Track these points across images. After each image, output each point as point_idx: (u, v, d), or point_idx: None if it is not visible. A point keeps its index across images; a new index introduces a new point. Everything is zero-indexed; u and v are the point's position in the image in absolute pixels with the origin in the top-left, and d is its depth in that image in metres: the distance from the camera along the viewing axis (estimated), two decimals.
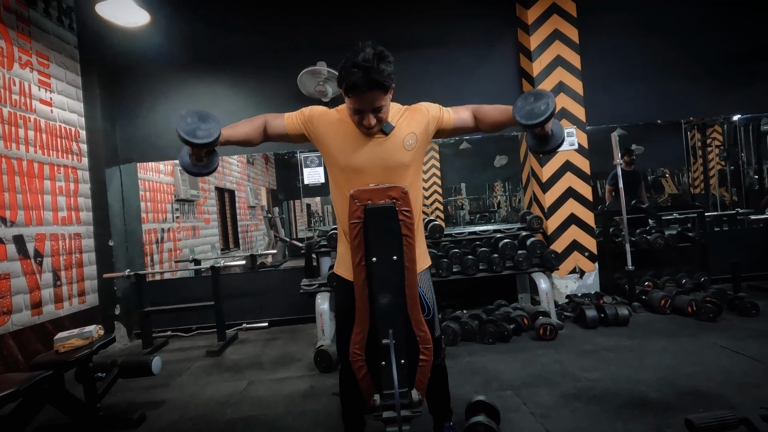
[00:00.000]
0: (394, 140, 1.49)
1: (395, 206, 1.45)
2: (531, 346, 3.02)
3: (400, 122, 1.51)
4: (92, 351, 2.20)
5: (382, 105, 1.39)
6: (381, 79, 1.33)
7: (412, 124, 1.51)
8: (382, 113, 1.42)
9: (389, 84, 1.37)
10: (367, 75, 1.31)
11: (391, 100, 1.51)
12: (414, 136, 1.51)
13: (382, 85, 1.34)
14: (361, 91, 1.34)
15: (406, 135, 1.50)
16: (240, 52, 4.19)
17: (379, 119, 1.42)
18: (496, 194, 12.48)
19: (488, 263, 3.55)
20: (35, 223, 3.26)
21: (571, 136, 4.02)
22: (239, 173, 8.68)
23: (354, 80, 1.32)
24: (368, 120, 1.40)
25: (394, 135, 1.49)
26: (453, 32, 4.23)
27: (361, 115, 1.41)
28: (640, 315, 3.53)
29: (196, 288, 4.10)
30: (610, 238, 4.12)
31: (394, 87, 1.43)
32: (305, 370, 2.93)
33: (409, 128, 1.51)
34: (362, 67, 1.31)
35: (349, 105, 1.43)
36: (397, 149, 1.49)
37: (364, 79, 1.31)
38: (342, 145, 1.50)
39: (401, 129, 1.50)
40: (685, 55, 4.31)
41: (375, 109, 1.39)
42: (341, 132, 1.51)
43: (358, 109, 1.39)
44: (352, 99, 1.38)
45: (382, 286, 1.45)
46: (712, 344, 2.77)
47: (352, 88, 1.34)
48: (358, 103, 1.38)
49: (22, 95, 3.26)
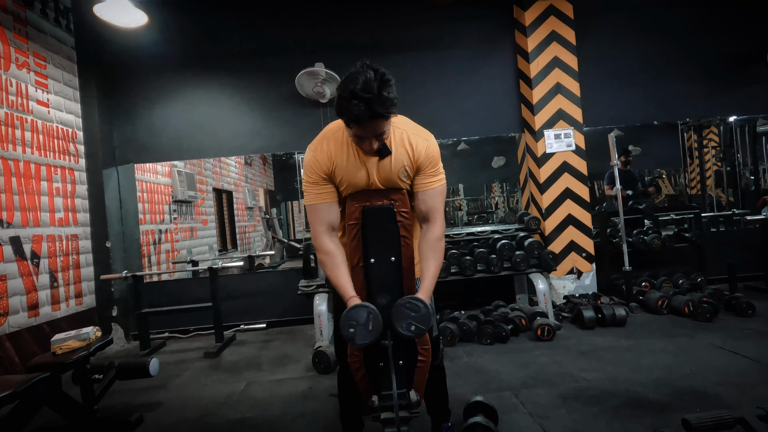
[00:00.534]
0: (390, 164, 1.45)
1: (393, 207, 1.45)
2: (529, 347, 3.02)
3: (397, 149, 1.45)
4: (89, 353, 2.19)
5: (385, 130, 1.36)
6: (383, 111, 1.28)
7: (407, 158, 1.46)
8: (384, 136, 1.39)
9: (391, 113, 1.32)
10: (369, 107, 1.25)
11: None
12: (405, 170, 1.48)
13: (386, 113, 1.30)
14: (363, 122, 1.29)
15: (400, 168, 1.47)
16: (238, 53, 4.19)
17: (380, 142, 1.39)
18: (493, 195, 12.50)
19: (486, 264, 3.56)
20: (32, 225, 3.25)
21: (568, 137, 4.03)
22: (237, 174, 8.67)
23: (356, 114, 1.26)
24: (370, 145, 1.37)
25: (391, 160, 1.45)
26: (450, 34, 4.24)
27: (362, 140, 1.37)
28: (637, 315, 3.54)
29: (194, 289, 4.09)
30: (608, 239, 4.14)
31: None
32: (303, 371, 2.92)
33: (404, 161, 1.46)
34: (363, 99, 1.24)
35: (349, 131, 1.38)
36: (394, 174, 1.47)
37: (366, 112, 1.26)
38: (344, 174, 1.46)
39: (397, 157, 1.45)
40: (682, 56, 4.34)
41: (378, 135, 1.36)
42: (340, 162, 1.45)
43: (360, 136, 1.35)
44: (354, 128, 1.33)
45: (380, 288, 1.45)
46: (708, 344, 2.78)
47: (354, 120, 1.30)
48: (361, 132, 1.34)
49: (19, 96, 3.25)
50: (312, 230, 1.51)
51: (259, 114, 4.22)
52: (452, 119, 4.26)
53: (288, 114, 4.19)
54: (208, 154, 4.36)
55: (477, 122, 4.28)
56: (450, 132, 4.33)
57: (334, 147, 1.45)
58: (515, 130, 4.31)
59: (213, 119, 4.20)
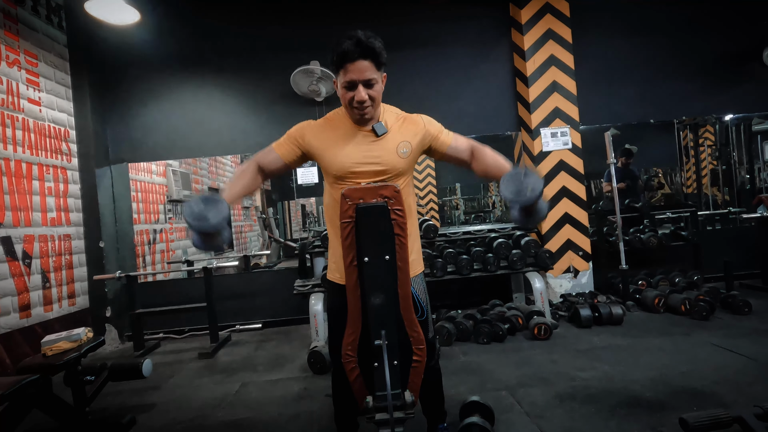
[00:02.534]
0: (387, 144, 1.48)
1: (387, 205, 1.43)
2: (526, 346, 3.01)
3: (395, 128, 1.50)
4: (81, 354, 2.16)
5: (373, 78, 1.38)
6: (372, 46, 1.35)
7: (407, 133, 1.50)
8: (374, 91, 1.40)
9: (379, 54, 1.37)
10: (358, 43, 1.34)
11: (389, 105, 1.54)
12: (408, 144, 1.50)
13: (373, 52, 1.35)
14: (352, 58, 1.34)
15: (401, 143, 1.49)
16: (232, 50, 4.16)
17: (371, 97, 1.40)
18: (491, 194, 12.50)
19: (483, 263, 3.54)
20: (23, 225, 3.21)
21: (565, 135, 4.02)
22: (233, 174, 8.63)
23: (344, 47, 1.34)
24: (359, 94, 1.38)
25: (387, 138, 1.48)
26: (447, 32, 4.22)
27: (353, 91, 1.39)
28: (634, 314, 3.54)
29: (189, 289, 4.06)
30: (604, 238, 4.13)
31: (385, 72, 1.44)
32: (299, 372, 2.90)
33: (404, 137, 1.49)
34: (353, 37, 1.34)
35: (341, 81, 1.41)
36: (390, 154, 1.48)
37: (354, 46, 1.34)
38: (335, 150, 1.48)
39: (395, 135, 1.49)
40: (678, 54, 4.34)
41: (366, 82, 1.37)
42: (333, 137, 1.50)
43: (349, 81, 1.37)
44: (344, 71, 1.37)
45: (374, 287, 1.43)
46: (705, 342, 2.78)
47: (342, 55, 1.35)
48: (350, 74, 1.36)
49: (10, 94, 3.21)
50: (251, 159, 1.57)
51: (254, 112, 4.19)
52: (448, 117, 4.19)
53: (283, 112, 4.16)
54: (203, 153, 4.32)
55: (473, 121, 4.26)
56: None
57: (329, 125, 1.52)
58: (512, 129, 4.30)
59: (207, 118, 4.16)
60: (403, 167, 1.52)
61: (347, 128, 1.50)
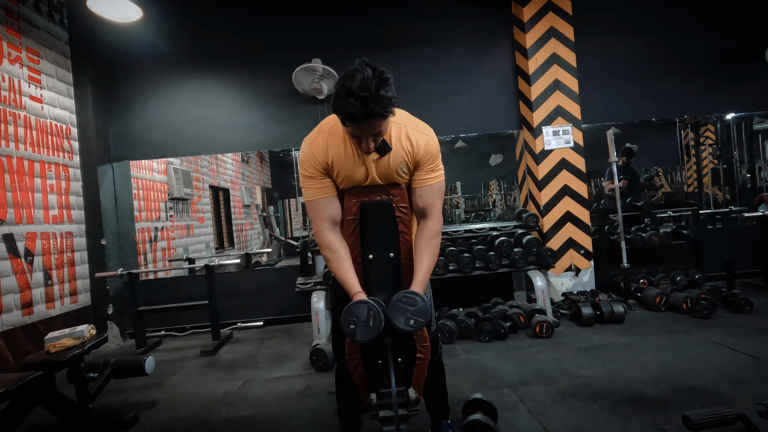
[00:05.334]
0: (388, 163, 1.44)
1: (392, 202, 1.43)
2: (527, 344, 3.01)
3: (397, 146, 1.43)
4: (84, 351, 2.16)
5: (381, 130, 1.33)
6: (380, 110, 1.24)
7: (406, 153, 1.44)
8: (382, 134, 1.37)
9: (389, 113, 1.29)
10: (365, 106, 1.22)
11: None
12: (405, 164, 1.47)
13: (383, 113, 1.27)
14: (360, 123, 1.27)
15: (399, 163, 1.45)
16: (234, 48, 4.15)
17: (376, 142, 1.37)
18: (491, 193, 12.51)
19: (484, 261, 3.54)
20: (26, 222, 3.21)
21: (567, 134, 4.02)
22: (234, 172, 8.62)
23: (352, 112, 1.24)
24: (367, 145, 1.35)
25: (390, 157, 1.44)
26: (449, 30, 4.21)
27: (359, 139, 1.36)
28: (635, 312, 3.54)
29: (191, 287, 4.06)
30: (606, 236, 4.13)
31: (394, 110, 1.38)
32: (301, 369, 2.90)
33: (404, 156, 1.45)
34: (360, 98, 1.22)
35: (346, 129, 1.36)
36: (392, 172, 1.46)
37: (362, 112, 1.23)
38: (345, 168, 1.44)
39: (396, 153, 1.43)
40: (680, 53, 4.33)
41: (375, 134, 1.33)
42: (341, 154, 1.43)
43: (356, 135, 1.34)
44: (351, 128, 1.31)
45: (378, 284, 1.43)
46: (707, 341, 2.78)
47: (350, 119, 1.27)
48: (357, 132, 1.32)
49: (12, 91, 3.20)
50: (314, 227, 1.47)
51: (256, 110, 4.18)
52: (450, 116, 4.24)
53: (285, 110, 4.16)
54: (205, 151, 4.32)
55: (475, 119, 4.26)
56: (448, 129, 4.31)
57: (331, 141, 1.43)
58: (513, 127, 4.29)
59: (209, 115, 4.16)
60: (404, 181, 1.51)
61: (349, 145, 1.43)
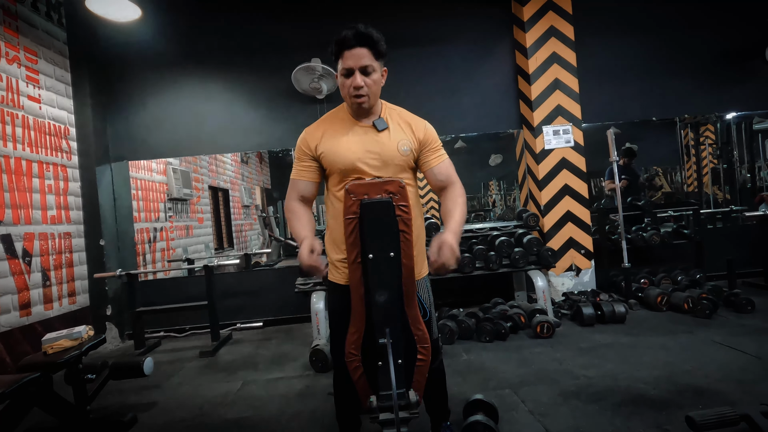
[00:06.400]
0: (387, 139, 1.49)
1: (392, 201, 1.42)
2: (528, 344, 3.00)
3: (397, 126, 1.51)
4: (82, 352, 2.15)
5: (370, 65, 1.41)
6: (369, 34, 1.39)
7: (408, 132, 1.51)
8: (371, 79, 1.42)
9: (377, 42, 1.40)
10: (356, 31, 1.38)
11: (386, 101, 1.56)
12: (409, 143, 1.51)
13: (371, 39, 1.39)
14: (350, 45, 1.38)
15: (402, 140, 1.49)
16: (233, 47, 4.14)
17: (367, 84, 1.42)
18: (491, 193, 12.50)
19: (485, 261, 3.53)
20: (24, 222, 3.20)
21: (567, 133, 4.00)
22: (233, 172, 8.61)
23: (343, 35, 1.39)
24: (356, 80, 1.40)
25: (387, 133, 1.49)
26: (449, 29, 4.20)
27: (350, 78, 1.42)
28: (636, 312, 3.52)
29: (190, 287, 4.04)
30: (606, 236, 4.12)
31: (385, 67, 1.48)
32: (301, 370, 2.89)
33: (405, 135, 1.51)
34: (352, 27, 1.39)
35: (339, 70, 1.44)
36: (391, 150, 1.49)
37: (353, 34, 1.38)
38: (337, 145, 1.49)
39: (396, 132, 1.50)
40: (681, 52, 4.32)
41: (363, 68, 1.40)
42: (333, 133, 1.51)
43: (347, 68, 1.41)
44: (342, 59, 1.41)
45: (378, 284, 1.41)
46: (709, 341, 2.76)
47: (341, 43, 1.39)
48: (347, 60, 1.40)
49: (10, 91, 3.19)
50: (287, 198, 1.59)
51: (255, 110, 4.17)
52: (450, 115, 4.22)
53: (284, 110, 4.14)
54: (204, 151, 4.30)
55: (475, 118, 4.24)
56: (448, 128, 4.30)
57: (327, 121, 1.56)
58: (514, 127, 4.28)
59: (209, 115, 4.14)
60: (404, 164, 1.52)
61: (347, 124, 1.51)
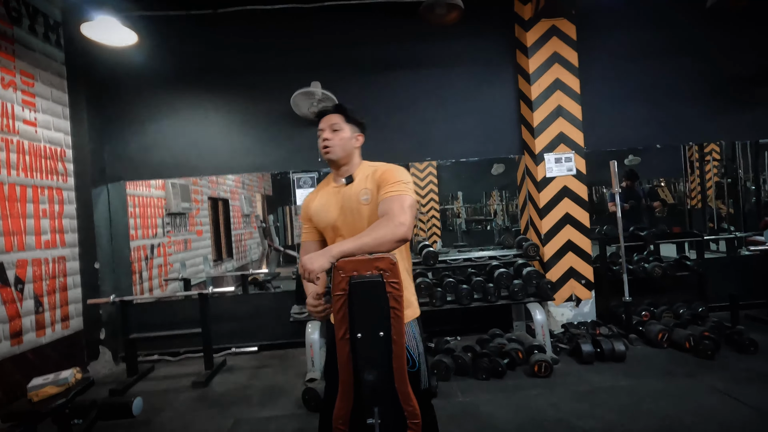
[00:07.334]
0: (352, 191, 1.63)
1: (383, 278, 1.37)
2: (525, 384, 2.94)
3: (362, 178, 1.64)
4: (68, 400, 2.11)
5: (337, 123, 1.64)
6: (343, 105, 1.69)
7: (369, 181, 1.62)
8: (338, 135, 1.63)
9: (348, 110, 1.67)
10: (334, 105, 1.72)
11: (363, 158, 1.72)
12: (368, 191, 1.61)
13: (342, 108, 1.68)
14: (326, 113, 1.68)
15: (362, 189, 1.61)
16: (232, 70, 4.09)
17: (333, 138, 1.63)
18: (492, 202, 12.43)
19: (483, 293, 3.48)
20: (16, 249, 3.16)
21: (569, 161, 3.95)
22: (233, 181, 8.57)
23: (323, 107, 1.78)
24: (324, 133, 1.64)
25: (353, 186, 1.64)
26: (452, 52, 4.14)
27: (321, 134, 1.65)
28: (636, 348, 3.46)
29: (185, 309, 4.00)
30: (607, 265, 4.05)
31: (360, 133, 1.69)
32: (294, 407, 2.84)
33: (365, 185, 1.62)
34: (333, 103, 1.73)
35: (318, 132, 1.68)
36: (355, 200, 1.61)
37: (331, 107, 1.70)
38: (320, 209, 1.68)
39: (360, 183, 1.64)
40: (687, 77, 4.24)
41: (332, 126, 1.64)
42: (318, 198, 1.72)
43: (320, 129, 1.67)
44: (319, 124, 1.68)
45: (367, 363, 1.37)
46: (710, 388, 2.70)
47: (321, 113, 1.70)
48: (322, 123, 1.67)
49: (5, 117, 3.16)
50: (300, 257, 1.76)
51: (254, 132, 4.12)
52: (451, 139, 4.17)
53: (283, 132, 4.10)
54: (201, 173, 4.25)
55: (476, 143, 4.19)
56: (449, 152, 4.25)
57: (318, 189, 1.76)
58: (515, 152, 4.22)
59: (206, 137, 4.11)
60: (371, 212, 1.58)
61: (329, 187, 1.71)
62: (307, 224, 1.75)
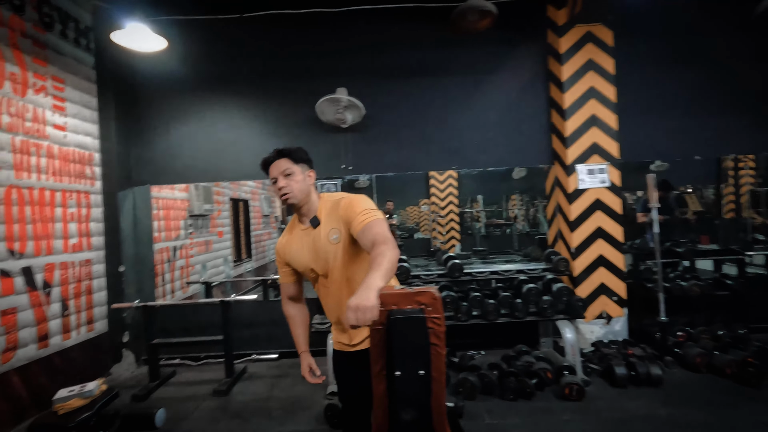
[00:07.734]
0: (321, 233, 1.62)
1: (424, 313, 1.28)
2: (555, 408, 2.82)
3: (326, 217, 1.62)
4: (93, 413, 2.09)
5: (288, 167, 1.60)
6: (286, 149, 1.64)
7: (334, 218, 1.60)
8: (292, 179, 1.60)
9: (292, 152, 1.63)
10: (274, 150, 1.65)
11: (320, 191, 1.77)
12: (337, 230, 1.60)
13: (286, 151, 1.63)
14: (272, 160, 1.63)
15: (330, 229, 1.61)
16: (258, 76, 4.07)
17: (289, 184, 1.59)
18: (513, 206, 12.20)
19: (510, 308, 3.37)
20: (44, 253, 3.19)
21: (602, 173, 3.79)
22: (254, 182, 8.60)
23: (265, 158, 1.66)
24: (279, 182, 1.60)
25: (320, 229, 1.62)
26: (481, 59, 4.03)
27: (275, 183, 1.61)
28: (673, 372, 3.29)
29: (208, 313, 3.98)
30: (641, 282, 3.88)
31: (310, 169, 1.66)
32: (314, 423, 2.79)
33: (331, 224, 1.61)
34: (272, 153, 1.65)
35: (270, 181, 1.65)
36: (325, 241, 1.61)
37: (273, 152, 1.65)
38: (294, 254, 1.69)
39: (326, 224, 1.62)
40: (727, 87, 4.03)
41: (284, 172, 1.60)
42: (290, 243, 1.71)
43: (272, 178, 1.62)
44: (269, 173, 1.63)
45: (405, 402, 1.29)
46: (756, 422, 2.53)
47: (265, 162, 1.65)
48: (271, 172, 1.62)
49: (35, 122, 3.18)
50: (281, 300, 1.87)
51: (278, 138, 4.09)
52: (478, 147, 4.06)
53: (307, 138, 4.05)
54: (226, 177, 4.24)
55: (505, 152, 4.06)
56: (476, 161, 4.13)
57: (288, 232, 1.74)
58: (545, 162, 4.08)
59: (231, 142, 4.09)
60: (336, 250, 1.59)
61: (296, 230, 1.70)
62: (285, 268, 1.77)
